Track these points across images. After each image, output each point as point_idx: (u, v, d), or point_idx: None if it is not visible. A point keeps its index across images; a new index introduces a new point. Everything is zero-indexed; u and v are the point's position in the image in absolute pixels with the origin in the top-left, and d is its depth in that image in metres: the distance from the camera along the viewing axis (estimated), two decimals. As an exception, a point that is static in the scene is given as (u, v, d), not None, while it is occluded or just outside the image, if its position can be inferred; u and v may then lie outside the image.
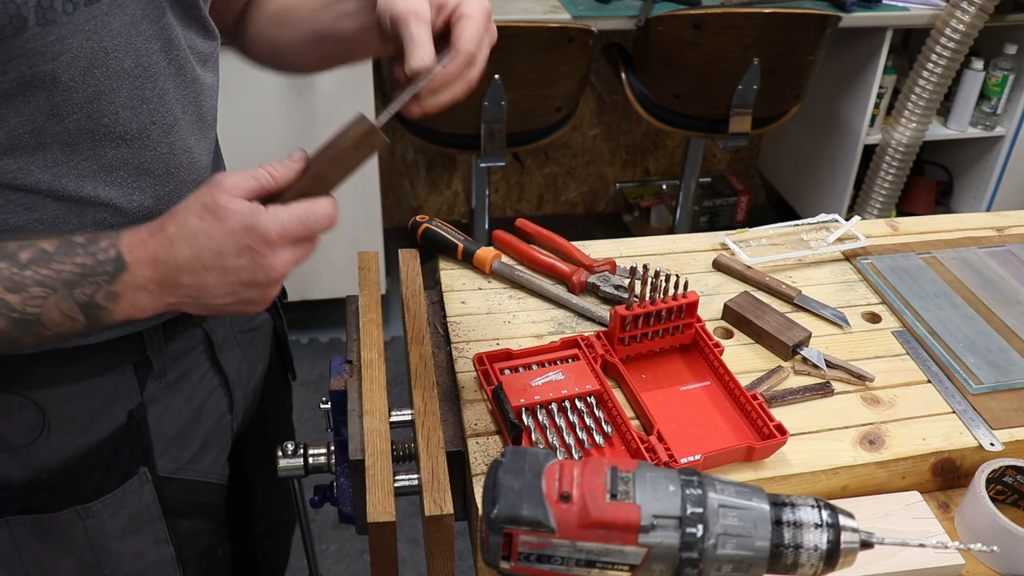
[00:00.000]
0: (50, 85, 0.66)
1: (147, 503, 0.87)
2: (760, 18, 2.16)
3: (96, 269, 0.66)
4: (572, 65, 2.15)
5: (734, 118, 2.32)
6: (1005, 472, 0.81)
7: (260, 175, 0.68)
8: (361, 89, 2.27)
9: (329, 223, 0.69)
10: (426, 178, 3.10)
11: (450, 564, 0.78)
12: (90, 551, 0.86)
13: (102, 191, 0.74)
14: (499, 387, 0.84)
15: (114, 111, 0.72)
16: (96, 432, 0.83)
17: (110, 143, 0.73)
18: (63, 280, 0.66)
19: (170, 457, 0.89)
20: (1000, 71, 2.71)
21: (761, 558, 0.58)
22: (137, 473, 0.86)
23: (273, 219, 0.66)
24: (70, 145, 0.71)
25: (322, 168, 0.70)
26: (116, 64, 0.70)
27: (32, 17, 0.62)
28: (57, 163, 0.71)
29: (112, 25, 0.68)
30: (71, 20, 0.65)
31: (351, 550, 2.06)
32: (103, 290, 0.66)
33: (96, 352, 0.81)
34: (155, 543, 0.90)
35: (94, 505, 0.84)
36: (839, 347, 0.97)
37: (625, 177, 3.32)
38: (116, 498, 0.85)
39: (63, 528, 0.84)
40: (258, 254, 0.66)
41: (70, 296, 0.66)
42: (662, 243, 1.15)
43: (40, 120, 0.68)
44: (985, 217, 1.24)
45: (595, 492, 0.58)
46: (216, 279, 0.67)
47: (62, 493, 0.83)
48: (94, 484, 0.84)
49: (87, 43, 0.67)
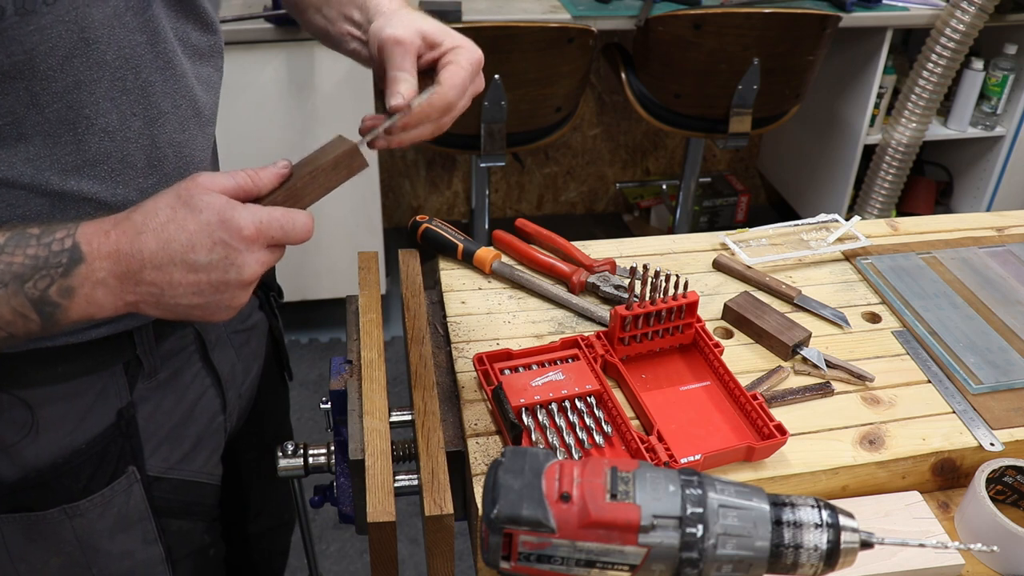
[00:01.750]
0: (28, 74, 0.66)
1: (136, 502, 0.87)
2: (760, 18, 2.16)
3: (49, 261, 0.62)
4: (572, 65, 2.15)
5: (734, 118, 2.32)
6: (1005, 472, 0.81)
7: (239, 176, 0.66)
8: (361, 89, 2.27)
9: (306, 234, 0.66)
10: (426, 178, 3.10)
11: (450, 564, 0.78)
12: (78, 550, 0.85)
13: (86, 185, 0.73)
14: (499, 387, 0.84)
15: (95, 102, 0.71)
16: (85, 431, 0.83)
17: (92, 135, 0.72)
18: (13, 273, 0.62)
19: (160, 457, 0.89)
20: (1000, 71, 2.71)
21: (761, 558, 0.58)
22: (126, 472, 0.86)
23: (251, 214, 0.63)
24: (52, 136, 0.70)
25: (300, 183, 0.68)
26: (97, 55, 0.69)
27: (11, 7, 0.62)
28: (40, 156, 0.70)
29: (94, 16, 0.68)
30: (51, 11, 0.64)
31: (351, 550, 2.06)
32: (56, 284, 0.62)
33: (86, 351, 0.81)
34: (144, 542, 0.89)
35: (82, 504, 0.83)
36: (839, 347, 0.97)
37: (625, 177, 3.32)
38: (104, 497, 0.85)
39: (51, 527, 0.83)
40: (232, 250, 0.62)
41: (21, 291, 0.62)
42: (662, 243, 1.15)
43: (20, 110, 0.67)
44: (985, 217, 1.24)
45: (595, 492, 0.58)
46: (183, 276, 0.62)
47: (51, 492, 0.83)
48: (83, 483, 0.83)
49: (67, 33, 0.66)
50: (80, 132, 0.71)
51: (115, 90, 0.72)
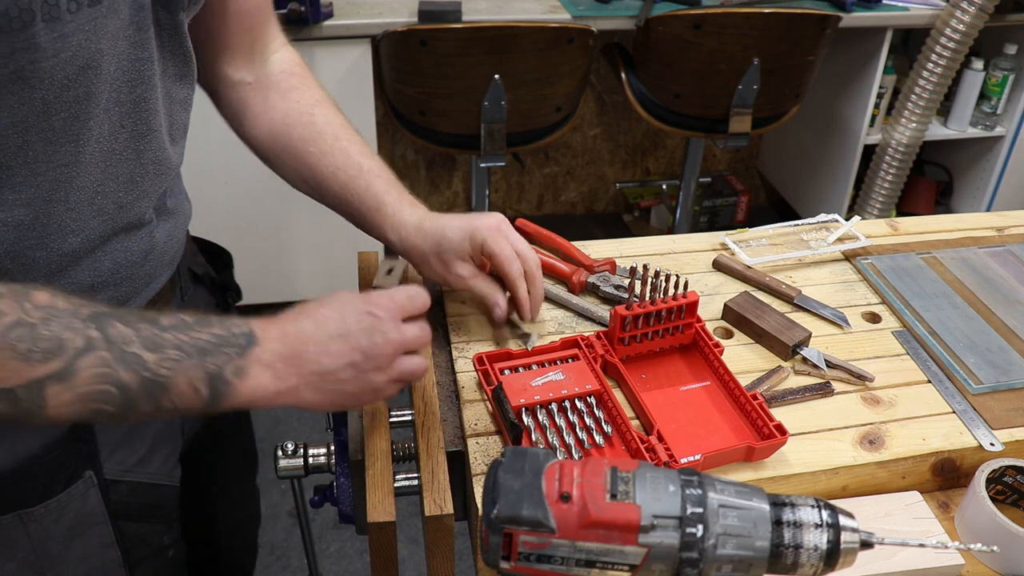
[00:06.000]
0: (48, 83, 0.66)
1: (92, 506, 0.86)
2: (760, 18, 2.16)
3: (230, 340, 0.69)
4: (572, 65, 2.15)
5: (734, 118, 2.32)
6: (1005, 472, 0.81)
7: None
8: (362, 89, 2.27)
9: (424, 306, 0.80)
10: (426, 178, 3.10)
11: (450, 564, 0.78)
12: (33, 555, 0.84)
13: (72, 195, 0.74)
14: (499, 387, 0.84)
15: (97, 114, 0.72)
16: (42, 437, 0.81)
17: (88, 146, 0.73)
18: (198, 348, 0.68)
19: (117, 460, 0.88)
20: (1000, 71, 2.71)
21: (761, 558, 0.58)
22: (83, 477, 0.84)
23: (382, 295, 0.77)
24: (53, 144, 0.70)
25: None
26: (104, 66, 0.71)
27: (39, 12, 0.62)
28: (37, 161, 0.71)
29: (107, 28, 0.69)
30: (74, 19, 0.65)
31: (351, 550, 2.06)
32: (232, 363, 0.69)
33: None
34: (101, 546, 0.88)
35: (37, 509, 0.82)
36: (839, 347, 0.97)
37: (625, 177, 3.32)
38: (60, 502, 0.83)
39: (5, 532, 0.82)
40: (376, 318, 0.75)
41: (202, 364, 0.67)
42: (662, 243, 1.15)
43: (31, 118, 0.68)
44: (985, 217, 1.24)
45: (595, 492, 0.58)
46: (338, 346, 0.73)
47: (6, 498, 0.81)
48: (39, 488, 0.82)
49: (85, 43, 0.67)
50: (81, 143, 0.72)
51: (111, 102, 0.74)
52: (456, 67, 2.07)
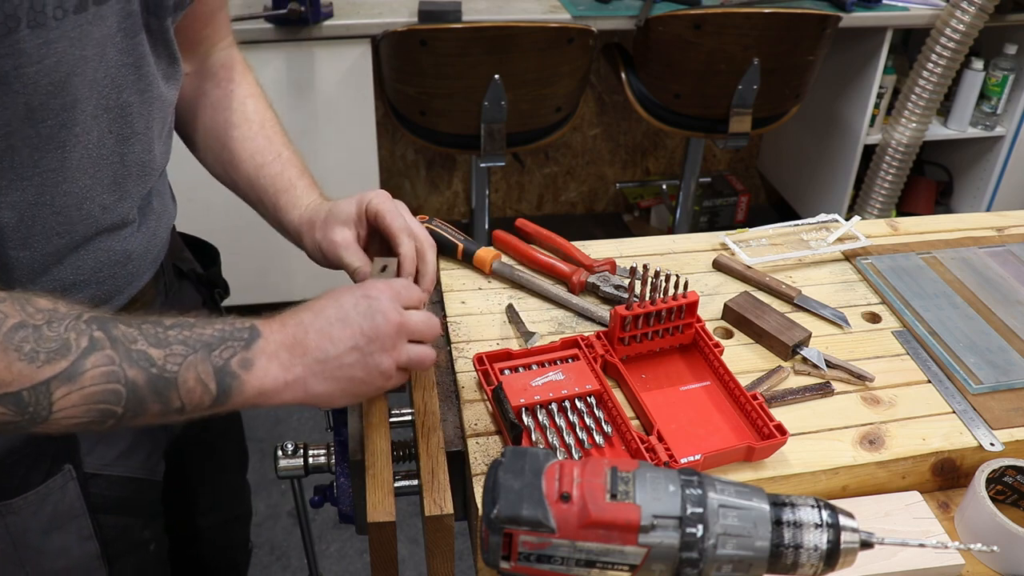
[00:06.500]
0: (32, 88, 0.67)
1: (71, 499, 0.86)
2: (760, 18, 2.16)
3: (234, 334, 0.70)
4: (572, 65, 2.15)
5: (734, 118, 2.32)
6: (1005, 472, 0.81)
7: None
8: (361, 89, 2.27)
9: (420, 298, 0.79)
10: (426, 178, 3.10)
11: (450, 564, 0.78)
12: (11, 547, 0.84)
13: (58, 199, 0.75)
14: (499, 387, 0.84)
15: (84, 120, 0.73)
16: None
17: (75, 151, 0.74)
18: (203, 342, 0.68)
19: (97, 454, 0.88)
20: (1000, 71, 2.71)
21: (761, 558, 0.58)
22: (62, 470, 0.85)
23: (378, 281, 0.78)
24: (39, 150, 0.71)
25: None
26: (91, 73, 0.71)
27: (25, 19, 0.63)
28: (23, 166, 0.71)
29: (93, 35, 0.69)
30: (59, 26, 0.65)
31: (351, 550, 2.06)
32: (239, 356, 0.69)
33: None
34: (79, 539, 0.88)
35: (15, 502, 0.82)
36: (839, 347, 0.97)
37: (625, 177, 3.32)
38: (39, 495, 0.84)
39: None
40: (373, 299, 0.75)
41: (208, 358, 0.68)
42: (662, 243, 1.15)
43: (15, 124, 0.68)
44: (985, 217, 1.24)
45: (595, 492, 0.58)
46: (340, 330, 0.73)
47: None
48: (16, 481, 0.82)
49: (70, 49, 0.67)
50: (68, 149, 0.73)
51: (99, 108, 0.74)
52: (456, 67, 2.07)
